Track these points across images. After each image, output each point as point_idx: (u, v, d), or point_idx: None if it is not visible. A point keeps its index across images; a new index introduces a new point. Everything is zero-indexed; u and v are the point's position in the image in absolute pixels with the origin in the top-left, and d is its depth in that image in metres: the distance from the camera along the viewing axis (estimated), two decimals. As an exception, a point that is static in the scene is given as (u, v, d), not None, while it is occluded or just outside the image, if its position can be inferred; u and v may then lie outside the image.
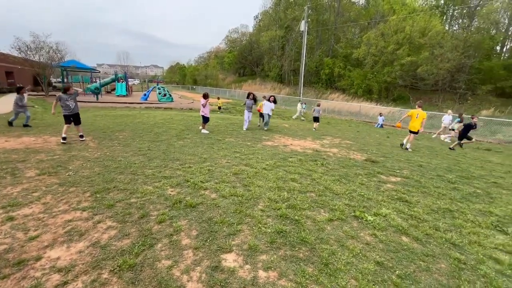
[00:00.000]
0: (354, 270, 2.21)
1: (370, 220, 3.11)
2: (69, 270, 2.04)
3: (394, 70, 25.54)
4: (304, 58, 28.89)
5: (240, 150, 6.41)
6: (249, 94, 10.20)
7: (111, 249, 2.32)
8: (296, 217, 3.07)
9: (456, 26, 32.57)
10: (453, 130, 12.03)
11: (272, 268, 2.18)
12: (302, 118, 17.88)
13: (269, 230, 2.75)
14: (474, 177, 5.54)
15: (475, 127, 10.14)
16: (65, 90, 6.49)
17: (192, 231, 2.67)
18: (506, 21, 28.62)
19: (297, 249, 2.47)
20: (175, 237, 2.55)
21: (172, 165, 4.83)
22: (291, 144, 7.78)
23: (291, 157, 6.04)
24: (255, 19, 61.28)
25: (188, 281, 1.99)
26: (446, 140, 12.01)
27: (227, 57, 59.98)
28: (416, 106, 8.38)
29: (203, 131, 8.66)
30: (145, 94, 23.61)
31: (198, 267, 2.15)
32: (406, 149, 8.56)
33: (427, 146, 10.09)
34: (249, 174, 4.52)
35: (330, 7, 38.08)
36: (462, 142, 9.92)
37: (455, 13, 32.08)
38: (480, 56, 25.63)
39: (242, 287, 1.96)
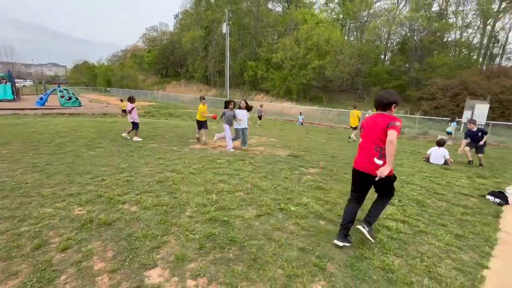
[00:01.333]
0: (280, 259, 2.36)
1: (293, 210, 3.38)
2: None
3: (308, 73, 28.58)
4: (228, 60, 29.31)
5: (164, 156, 6.01)
6: (228, 103, 7.25)
7: (-10, 297, 1.81)
8: (225, 218, 3.07)
9: (352, 37, 38.98)
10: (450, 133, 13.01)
11: (201, 275, 2.11)
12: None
13: (198, 236, 2.66)
14: (371, 162, 6.70)
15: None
16: None
17: (108, 253, 2.34)
18: (386, 35, 35.81)
19: (226, 250, 2.47)
20: (84, 263, 2.18)
21: (80, 180, 4.14)
22: (220, 146, 7.76)
23: (219, 159, 6.02)
24: (175, 18, 58.64)
25: (102, 311, 1.73)
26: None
27: (147, 57, 55.48)
28: (352, 108, 10.84)
29: (136, 138, 7.80)
30: (41, 98, 19.52)
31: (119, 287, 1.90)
32: (354, 140, 10.56)
33: (338, 138, 11.66)
34: (175, 181, 4.28)
35: (249, 12, 39.72)
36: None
37: (351, 26, 38.28)
38: (370, 62, 31.24)
39: (169, 302, 1.82)
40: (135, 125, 7.83)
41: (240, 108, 7.32)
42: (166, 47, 53.83)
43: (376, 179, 2.39)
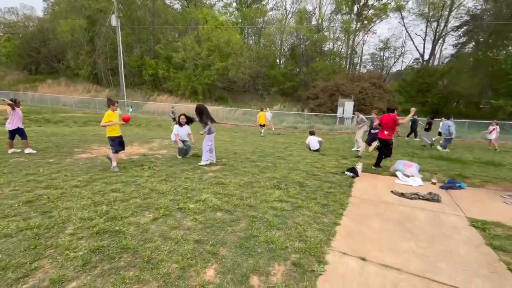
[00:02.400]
0: (176, 255, 2.45)
1: (191, 207, 3.50)
2: None
3: (212, 74, 28.94)
4: (121, 56, 26.20)
5: (36, 171, 4.95)
6: (200, 112, 5.87)
7: None
8: (116, 227, 2.88)
9: (251, 41, 41.91)
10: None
11: (85, 291, 1.96)
12: (131, 123, 16.34)
13: (81, 253, 2.41)
14: (268, 155, 7.57)
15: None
16: None
17: None
18: (279, 42, 40.32)
19: (117, 259, 2.36)
20: None
21: None
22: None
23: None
24: (45, 0, 47.59)
25: None
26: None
27: (4, 47, 42.86)
28: (260, 109, 13.64)
29: (28, 150, 6.42)
30: None
31: None
32: (262, 136, 12.53)
33: (242, 136, 12.43)
34: (52, 198, 3.63)
35: (143, 5, 36.54)
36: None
37: (249, 31, 41.07)
38: (268, 66, 34.51)
39: (41, 330, 1.63)
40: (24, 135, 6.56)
41: (179, 122, 6.70)
42: (33, 36, 43.05)
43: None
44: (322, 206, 3.86)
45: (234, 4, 42.14)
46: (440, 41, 34.74)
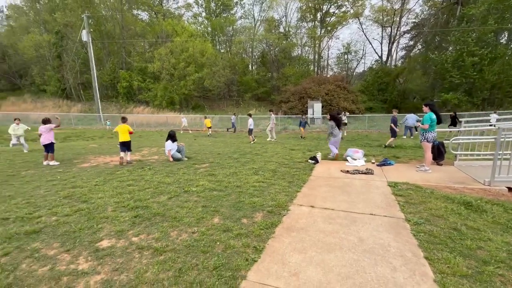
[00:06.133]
0: (191, 214, 3.72)
1: (194, 190, 4.77)
2: None
3: (188, 84, 29.85)
4: (94, 71, 26.33)
5: (54, 178, 5.90)
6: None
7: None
8: (144, 204, 4.09)
9: (223, 49, 43.34)
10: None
11: (141, 234, 3.18)
12: (111, 136, 16.91)
13: (127, 218, 3.61)
14: (247, 153, 8.96)
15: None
16: None
17: (53, 245, 2.96)
18: (250, 49, 42.19)
19: (152, 219, 3.58)
20: (37, 254, 2.76)
21: (-40, 214, 3.87)
22: (112, 161, 7.97)
23: (118, 171, 6.51)
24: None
25: (78, 265, 2.56)
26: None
27: (-45, 64, 40.00)
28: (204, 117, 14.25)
29: (53, 163, 7.46)
30: None
31: (81, 256, 2.71)
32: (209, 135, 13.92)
33: (222, 140, 13.70)
34: (83, 192, 4.72)
35: (112, 18, 36.55)
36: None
37: (220, 40, 42.50)
38: (240, 73, 36.13)
39: (124, 250, 2.84)
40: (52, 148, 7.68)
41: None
42: (-9, 53, 40.90)
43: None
44: (289, 182, 5.31)
45: (204, 14, 43.41)
46: (395, 44, 38.71)
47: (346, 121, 13.48)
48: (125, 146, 7.53)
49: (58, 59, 35.37)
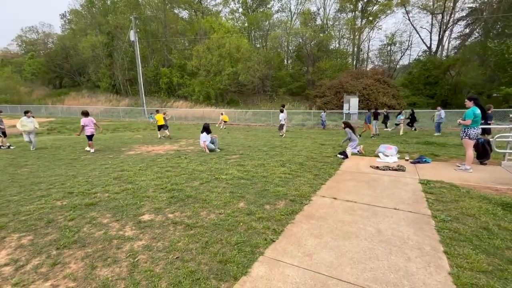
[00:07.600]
0: (219, 198, 4.08)
1: (224, 178, 5.15)
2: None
3: (223, 79, 30.82)
4: (140, 68, 28.58)
5: (106, 162, 6.78)
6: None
7: (40, 243, 2.85)
8: (179, 187, 4.57)
9: (258, 44, 43.62)
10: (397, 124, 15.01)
11: (176, 211, 3.63)
12: (153, 128, 18.37)
13: (165, 199, 4.10)
14: (276, 146, 9.16)
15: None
16: None
17: (106, 215, 3.55)
18: (286, 43, 41.80)
19: (186, 200, 4.03)
20: (94, 221, 3.36)
21: (38, 187, 4.75)
22: (153, 150, 8.80)
23: (158, 158, 7.22)
24: (62, 18, 51.27)
25: (125, 232, 3.07)
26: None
27: (29, 65, 46.47)
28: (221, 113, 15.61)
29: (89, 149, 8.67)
30: None
31: (127, 225, 3.23)
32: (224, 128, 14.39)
33: (253, 134, 14.06)
34: (129, 175, 5.40)
35: (155, 18, 39.09)
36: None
37: (256, 35, 42.82)
38: (275, 68, 36.08)
39: (161, 223, 3.29)
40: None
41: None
42: (57, 53, 46.69)
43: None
44: (314, 175, 5.41)
45: (241, 10, 44.03)
46: (447, 32, 35.06)
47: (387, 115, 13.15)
48: (162, 126, 12.16)
49: (110, 58, 39.09)
